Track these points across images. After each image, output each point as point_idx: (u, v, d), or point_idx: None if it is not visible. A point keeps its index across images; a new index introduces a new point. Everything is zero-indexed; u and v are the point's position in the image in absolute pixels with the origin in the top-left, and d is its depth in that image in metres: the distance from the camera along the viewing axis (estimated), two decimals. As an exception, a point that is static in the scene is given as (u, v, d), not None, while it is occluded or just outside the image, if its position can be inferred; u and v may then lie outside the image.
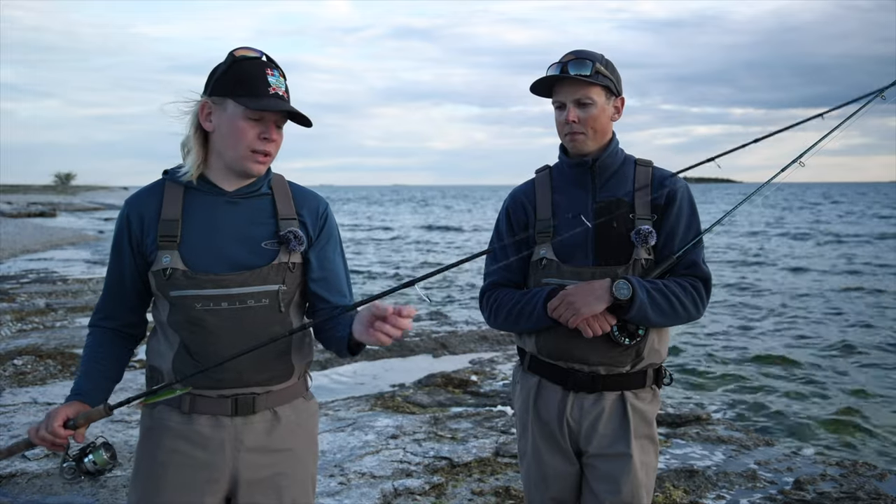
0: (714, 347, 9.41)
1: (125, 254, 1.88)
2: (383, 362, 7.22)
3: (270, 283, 1.84)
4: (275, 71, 1.80)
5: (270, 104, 1.76)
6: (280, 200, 1.91)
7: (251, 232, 1.86)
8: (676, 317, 2.07)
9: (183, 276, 1.80)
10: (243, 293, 1.81)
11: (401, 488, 3.85)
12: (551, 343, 2.15)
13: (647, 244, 2.09)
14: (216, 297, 1.80)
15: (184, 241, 1.82)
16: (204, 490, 1.84)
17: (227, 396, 1.84)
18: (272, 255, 1.85)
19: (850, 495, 3.80)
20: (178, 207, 1.85)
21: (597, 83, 2.08)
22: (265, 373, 1.86)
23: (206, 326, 1.80)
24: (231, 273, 1.81)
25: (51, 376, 6.36)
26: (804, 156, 2.26)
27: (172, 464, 1.84)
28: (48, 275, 13.81)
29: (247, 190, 1.88)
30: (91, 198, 60.69)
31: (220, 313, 1.80)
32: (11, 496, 3.79)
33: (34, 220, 31.72)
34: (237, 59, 1.79)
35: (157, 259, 1.82)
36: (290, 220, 1.89)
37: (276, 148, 1.84)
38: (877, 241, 26.48)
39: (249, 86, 1.76)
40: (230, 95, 1.77)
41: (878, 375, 8.11)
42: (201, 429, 1.84)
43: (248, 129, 1.78)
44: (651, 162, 2.20)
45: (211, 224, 1.84)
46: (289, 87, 1.85)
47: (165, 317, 1.85)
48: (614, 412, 2.13)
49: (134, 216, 1.86)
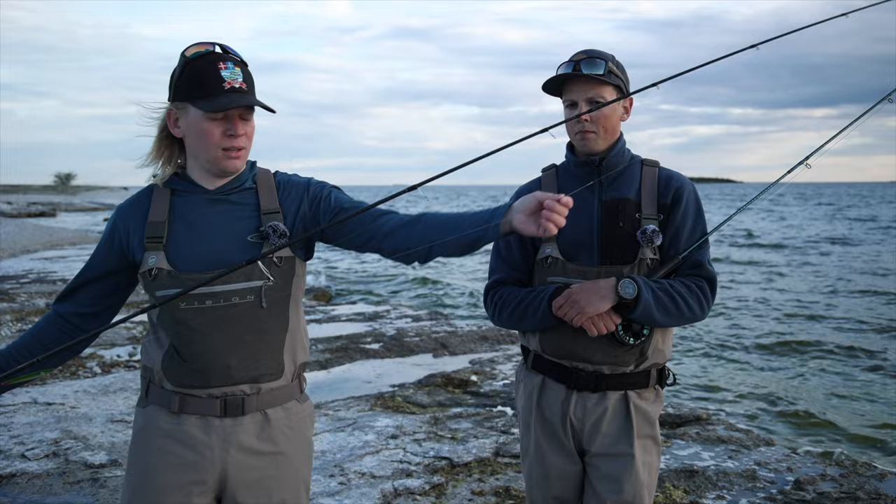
0: (714, 347, 9.41)
1: (102, 251, 1.90)
2: (383, 362, 7.22)
3: (255, 280, 1.81)
4: (228, 63, 1.77)
5: (225, 102, 1.74)
6: (263, 194, 1.88)
7: (234, 228, 1.84)
8: (681, 317, 2.07)
9: (167, 276, 1.80)
10: (228, 291, 1.80)
11: (401, 488, 3.84)
12: (555, 341, 2.15)
13: (653, 244, 2.09)
14: (200, 295, 1.78)
15: (169, 241, 1.83)
16: (193, 490, 1.83)
17: (217, 397, 1.83)
18: (256, 251, 1.82)
19: (850, 495, 3.79)
20: (164, 210, 1.85)
21: (609, 82, 2.08)
22: (254, 370, 1.84)
23: (191, 325, 1.80)
24: (215, 271, 1.79)
25: (51, 376, 6.36)
26: (810, 157, 2.26)
27: (162, 464, 1.83)
28: (48, 275, 13.81)
29: (229, 187, 1.87)
30: (91, 198, 60.68)
31: (204, 312, 1.79)
32: (11, 496, 3.79)
33: (34, 220, 31.72)
34: (188, 59, 1.77)
35: (144, 260, 1.83)
36: (273, 214, 1.86)
37: (246, 140, 1.82)
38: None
39: (203, 86, 1.74)
40: (188, 99, 1.77)
41: (879, 375, 8.11)
42: (190, 429, 1.83)
43: (213, 130, 1.77)
44: (658, 162, 2.20)
45: (195, 223, 1.84)
46: (250, 74, 1.82)
47: (155, 317, 1.86)
48: (617, 412, 2.13)
49: (121, 221, 1.89)
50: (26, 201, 45.87)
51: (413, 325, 9.10)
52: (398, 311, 10.26)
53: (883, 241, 27.01)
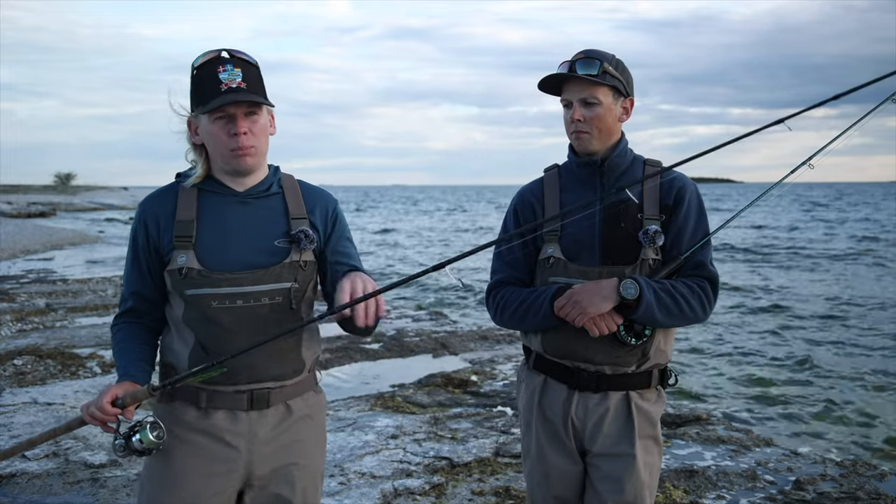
0: (714, 346, 9.41)
1: (142, 254, 1.92)
2: (383, 362, 7.22)
3: (283, 281, 1.89)
4: (227, 65, 1.82)
5: (217, 102, 1.79)
6: (290, 200, 1.96)
7: (264, 231, 1.91)
8: (683, 317, 2.07)
9: (198, 274, 1.85)
10: (257, 291, 1.87)
11: (401, 488, 3.84)
12: (557, 342, 2.15)
13: (655, 244, 2.09)
14: (231, 295, 1.85)
15: (199, 240, 1.88)
16: (220, 483, 1.89)
17: (243, 391, 1.89)
18: (285, 254, 1.90)
19: (850, 495, 3.80)
20: (192, 209, 1.90)
21: (604, 83, 2.08)
22: (278, 368, 1.91)
23: (221, 324, 1.85)
24: (245, 271, 1.86)
25: (51, 376, 6.36)
26: (813, 157, 2.25)
27: (190, 457, 1.88)
28: (48, 275, 13.81)
29: (257, 190, 1.94)
30: (91, 198, 60.65)
31: (234, 311, 1.85)
32: (11, 496, 3.79)
33: (34, 220, 31.71)
34: (195, 69, 1.84)
35: (173, 259, 1.87)
36: (301, 220, 1.94)
37: (252, 138, 1.86)
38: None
39: (203, 92, 1.82)
40: (196, 107, 1.85)
41: (879, 375, 8.11)
42: (218, 423, 1.89)
43: (219, 132, 1.84)
44: (660, 162, 2.20)
45: (225, 224, 1.90)
46: (255, 74, 1.85)
47: (180, 315, 1.89)
48: (619, 412, 2.13)
49: (150, 218, 1.92)
50: (26, 201, 45.85)
51: (413, 325, 9.10)
52: (398, 311, 10.26)
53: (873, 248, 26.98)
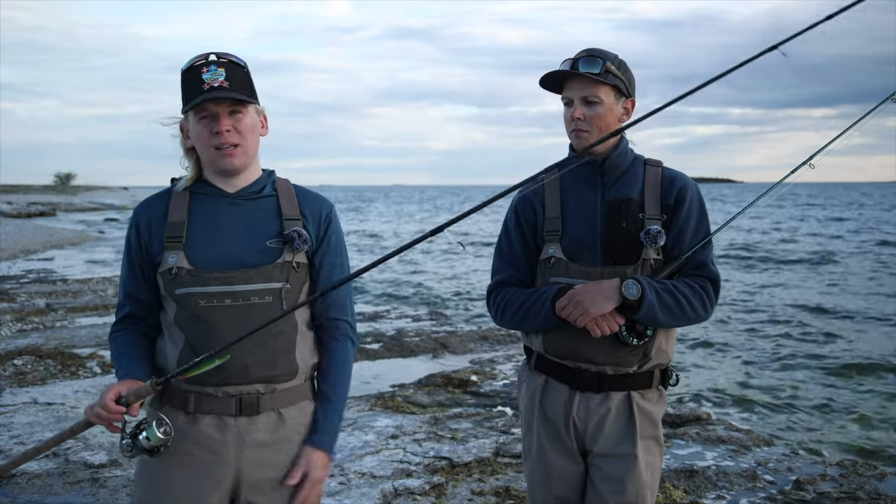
0: (714, 346, 9.41)
1: (136, 258, 1.92)
2: (383, 362, 7.22)
3: (274, 281, 1.87)
4: (211, 66, 1.82)
5: (199, 99, 1.80)
6: (284, 201, 1.95)
7: (256, 231, 1.90)
8: (685, 317, 2.07)
9: (188, 274, 1.84)
10: (247, 290, 1.85)
11: (401, 488, 3.84)
12: (559, 342, 2.15)
13: (657, 244, 2.08)
14: (220, 294, 1.83)
15: (189, 241, 1.87)
16: (207, 490, 1.85)
17: (232, 395, 1.86)
18: (277, 254, 1.89)
19: (850, 495, 3.79)
20: (183, 210, 1.90)
21: (605, 82, 2.07)
22: (269, 369, 1.87)
23: (210, 323, 1.84)
24: (236, 271, 1.85)
25: (51, 376, 6.36)
26: (814, 157, 2.25)
27: (177, 463, 1.85)
28: (48, 275, 13.81)
29: (249, 191, 1.93)
30: (91, 198, 60.66)
31: (224, 310, 1.84)
32: (11, 496, 3.79)
33: (34, 220, 31.71)
34: (183, 73, 1.85)
35: (164, 260, 1.86)
36: (294, 221, 1.93)
37: (236, 136, 1.85)
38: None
39: (187, 93, 1.83)
40: (183, 109, 1.86)
41: (880, 375, 8.11)
42: (205, 429, 1.86)
43: (203, 131, 1.84)
44: (661, 162, 2.20)
45: (216, 224, 1.89)
46: (241, 73, 1.86)
47: (172, 316, 1.88)
48: (620, 412, 2.13)
49: (142, 221, 1.92)
50: (26, 201, 45.86)
51: (413, 325, 9.10)
52: (398, 311, 10.26)
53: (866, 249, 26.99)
